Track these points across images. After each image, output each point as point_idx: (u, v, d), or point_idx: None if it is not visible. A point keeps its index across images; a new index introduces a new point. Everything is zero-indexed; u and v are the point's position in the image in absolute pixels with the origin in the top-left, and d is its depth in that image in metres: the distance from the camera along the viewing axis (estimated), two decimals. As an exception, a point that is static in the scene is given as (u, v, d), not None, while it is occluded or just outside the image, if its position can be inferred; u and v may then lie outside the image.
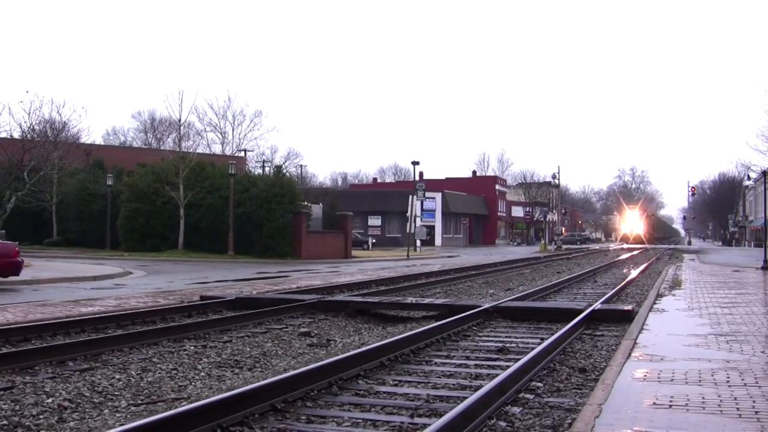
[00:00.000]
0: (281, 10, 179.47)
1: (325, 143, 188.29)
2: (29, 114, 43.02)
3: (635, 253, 55.71)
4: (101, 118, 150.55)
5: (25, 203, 42.03)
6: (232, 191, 39.81)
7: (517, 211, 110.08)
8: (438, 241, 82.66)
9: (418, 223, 58.65)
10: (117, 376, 8.22)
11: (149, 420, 5.42)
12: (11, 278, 19.43)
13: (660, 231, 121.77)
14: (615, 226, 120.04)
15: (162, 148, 72.48)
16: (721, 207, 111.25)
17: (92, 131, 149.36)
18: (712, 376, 7.29)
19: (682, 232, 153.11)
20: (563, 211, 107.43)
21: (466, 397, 6.41)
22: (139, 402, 7.26)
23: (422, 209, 68.87)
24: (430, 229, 79.25)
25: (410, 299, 15.70)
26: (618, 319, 12.63)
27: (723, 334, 10.22)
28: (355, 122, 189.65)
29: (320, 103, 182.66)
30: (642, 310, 13.13)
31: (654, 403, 6.07)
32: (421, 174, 56.38)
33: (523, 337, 11.33)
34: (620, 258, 42.69)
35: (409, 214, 53.25)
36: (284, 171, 54.36)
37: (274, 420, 6.32)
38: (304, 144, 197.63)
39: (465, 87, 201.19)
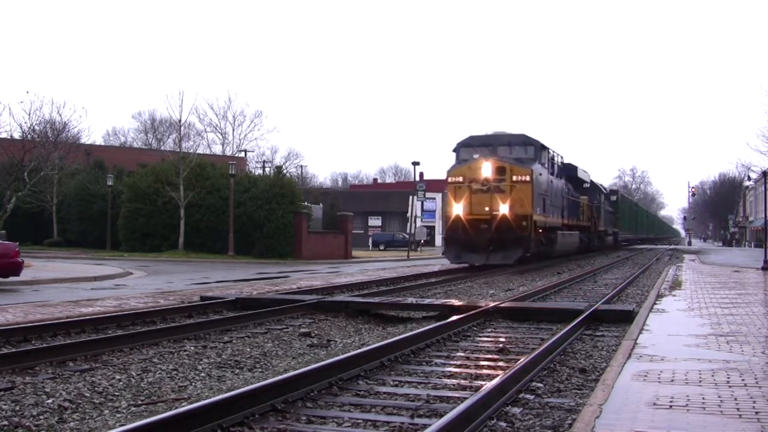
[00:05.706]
0: (281, 10, 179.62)
1: (325, 143, 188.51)
2: (29, 114, 43.17)
3: None
4: (101, 119, 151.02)
5: (25, 204, 42.11)
6: (233, 191, 39.83)
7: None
8: (438, 241, 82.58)
9: (419, 223, 58.64)
10: (117, 377, 8.22)
11: (149, 420, 5.42)
12: (11, 278, 19.45)
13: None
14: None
15: (162, 148, 72.48)
16: (721, 207, 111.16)
17: (92, 132, 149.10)
18: (713, 376, 7.29)
19: (683, 233, 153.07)
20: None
21: (467, 398, 6.41)
22: (140, 402, 7.26)
23: (422, 210, 68.87)
24: (431, 230, 79.24)
25: (410, 299, 15.69)
26: (618, 320, 12.63)
27: (723, 335, 10.21)
28: (355, 122, 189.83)
29: (320, 104, 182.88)
30: (642, 311, 13.12)
31: (654, 404, 6.07)
32: (421, 174, 56.35)
33: (523, 338, 11.33)
34: (619, 260, 42.63)
35: (409, 214, 53.24)
36: (284, 171, 54.35)
37: (275, 420, 6.32)
38: (305, 144, 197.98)
39: (465, 88, 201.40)
